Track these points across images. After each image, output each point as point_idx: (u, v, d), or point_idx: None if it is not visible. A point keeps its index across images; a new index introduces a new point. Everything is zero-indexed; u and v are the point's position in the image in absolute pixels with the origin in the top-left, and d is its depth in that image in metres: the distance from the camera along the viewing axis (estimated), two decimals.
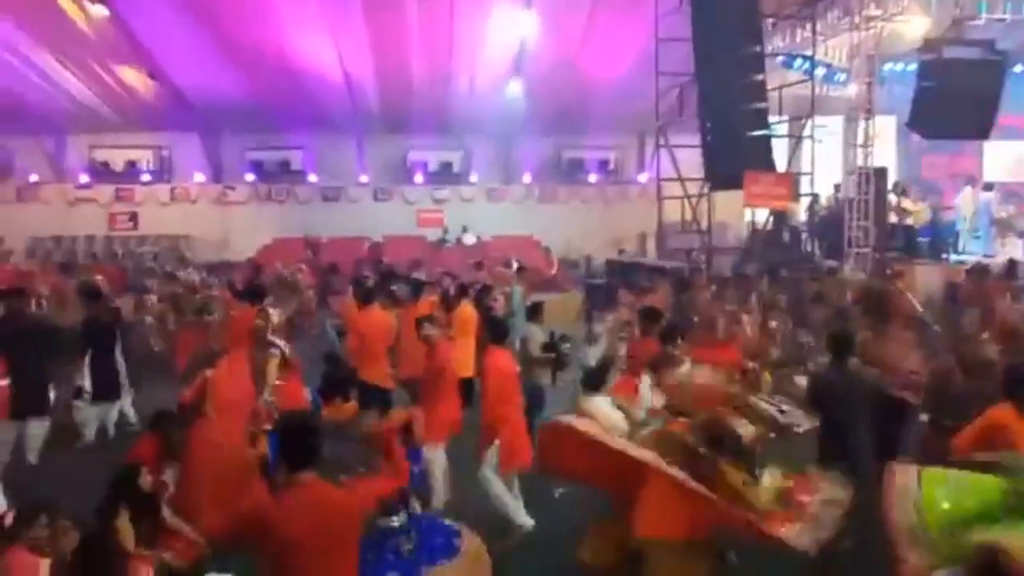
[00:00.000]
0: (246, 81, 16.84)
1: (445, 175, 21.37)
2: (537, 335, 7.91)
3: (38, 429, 7.10)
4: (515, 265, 14.39)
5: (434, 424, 5.69)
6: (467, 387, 7.36)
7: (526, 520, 5.64)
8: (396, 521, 4.33)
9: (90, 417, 7.80)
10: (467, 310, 8.18)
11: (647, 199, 18.19)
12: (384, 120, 19.56)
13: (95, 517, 4.88)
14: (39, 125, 18.58)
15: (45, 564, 4.55)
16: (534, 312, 8.19)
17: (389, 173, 21.31)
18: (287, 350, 6.67)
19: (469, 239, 20.39)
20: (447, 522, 4.68)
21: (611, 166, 22.22)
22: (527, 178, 21.62)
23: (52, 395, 7.40)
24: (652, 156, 18.76)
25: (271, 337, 6.53)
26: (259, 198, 20.72)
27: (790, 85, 14.45)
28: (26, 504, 4.93)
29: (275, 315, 6.97)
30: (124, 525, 4.80)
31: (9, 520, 4.73)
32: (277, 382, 6.30)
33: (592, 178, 21.83)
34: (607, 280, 14.41)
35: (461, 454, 6.10)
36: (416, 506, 4.61)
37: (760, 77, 12.98)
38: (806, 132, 14.20)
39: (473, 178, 21.35)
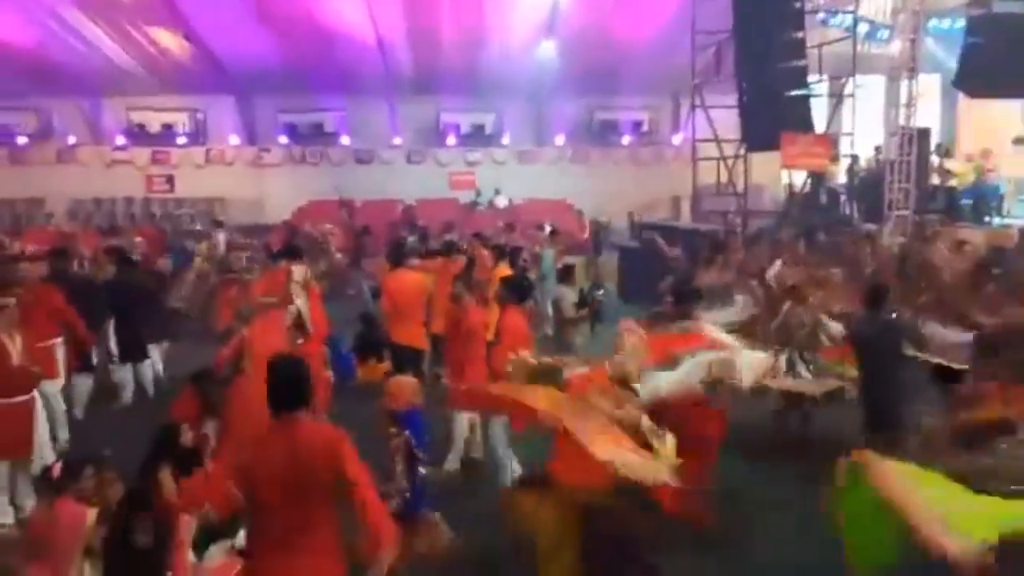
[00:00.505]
0: (279, 43, 16.85)
1: (477, 137, 21.26)
2: (569, 296, 7.93)
3: (83, 385, 7.38)
4: (548, 228, 14.35)
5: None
6: None
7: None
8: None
9: (125, 378, 8.03)
10: (504, 272, 8.20)
11: (682, 161, 17.95)
12: (416, 82, 19.47)
13: (138, 473, 5.03)
14: (77, 87, 18.79)
15: (92, 514, 4.72)
16: (566, 274, 8.19)
17: (421, 135, 21.24)
18: (305, 310, 6.71)
19: (501, 202, 20.34)
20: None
21: (645, 127, 21.90)
22: (559, 140, 21.43)
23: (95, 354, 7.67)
24: (687, 117, 18.47)
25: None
26: (293, 160, 20.82)
27: (830, 43, 14.05)
28: (73, 457, 5.11)
29: (297, 272, 7.04)
30: (167, 479, 4.94)
31: (57, 472, 4.91)
32: (299, 342, 6.39)
33: (625, 140, 21.55)
34: (641, 243, 14.31)
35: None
36: (420, 469, 4.60)
37: (799, 34, 12.67)
38: (847, 91, 13.84)
39: (505, 140, 21.21)
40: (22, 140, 19.80)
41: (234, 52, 17.27)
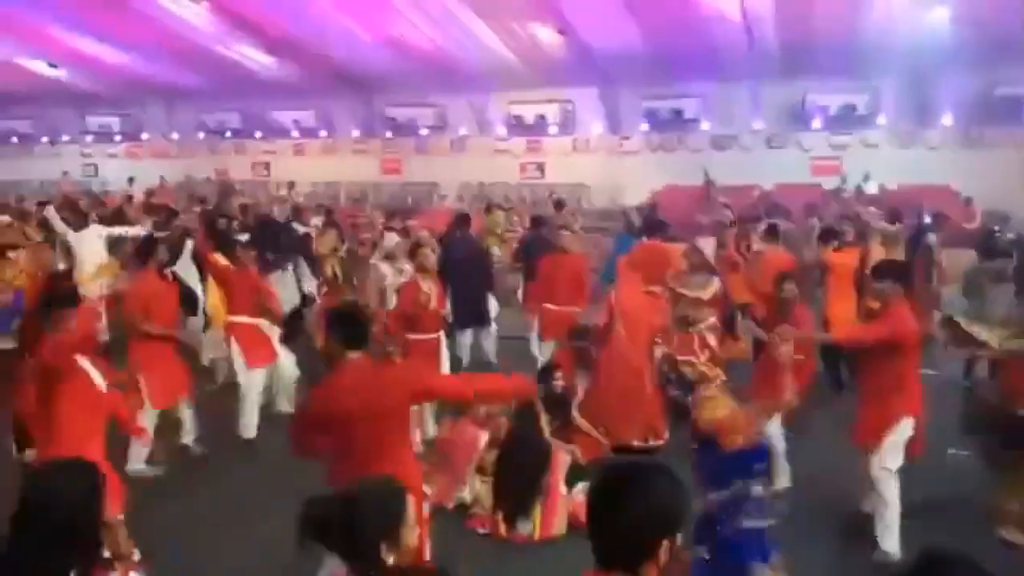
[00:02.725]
0: (646, 30, 17.34)
1: (847, 119, 19.74)
2: None
3: (487, 336, 8.74)
4: (926, 217, 12.90)
5: None
6: None
7: None
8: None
9: (463, 343, 8.75)
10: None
11: None
12: (782, 62, 18.66)
13: (517, 408, 5.67)
14: (469, 84, 21.33)
15: (484, 436, 5.45)
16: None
17: (783, 119, 20.35)
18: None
19: (871, 188, 18.69)
20: None
21: None
22: (947, 120, 19.02)
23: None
24: None
25: None
26: (651, 147, 21.37)
27: None
28: None
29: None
30: (544, 418, 5.50)
31: None
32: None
33: None
34: None
35: None
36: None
37: None
38: None
39: (880, 120, 19.41)
40: (423, 132, 23.11)
41: (602, 42, 18.17)
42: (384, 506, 2.04)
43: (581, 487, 5.18)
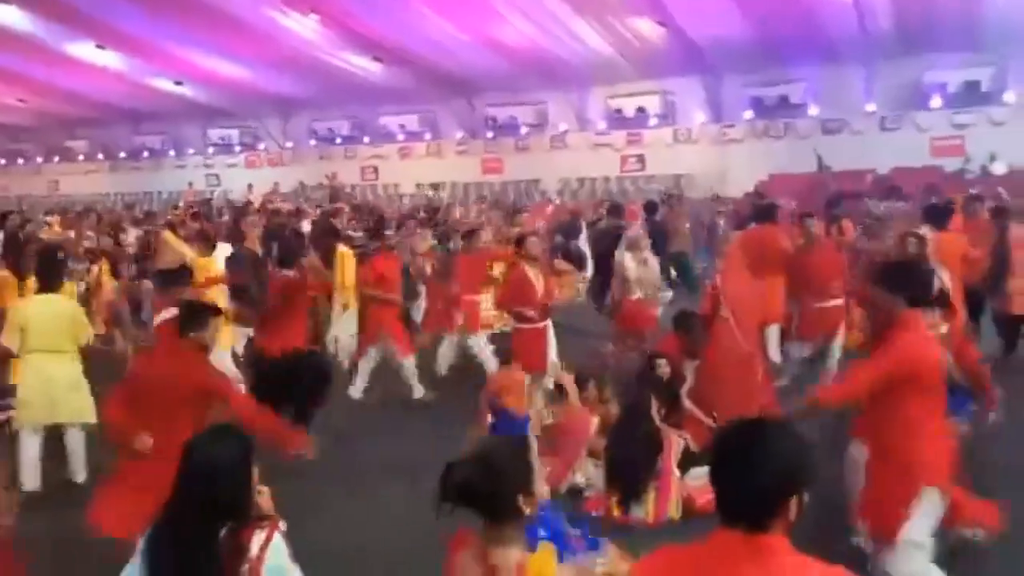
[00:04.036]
0: (750, 17, 16.93)
1: (969, 96, 18.62)
2: None
3: None
4: None
5: None
6: None
7: None
8: None
9: None
10: None
11: None
12: (897, 40, 17.81)
13: (628, 393, 5.74)
14: (568, 81, 21.42)
15: (595, 420, 5.54)
16: None
17: (899, 99, 19.40)
18: None
19: (999, 168, 17.58)
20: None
21: None
22: None
23: None
24: None
25: None
26: (755, 135, 20.82)
27: None
28: (578, 373, 6.04)
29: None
30: (652, 401, 5.54)
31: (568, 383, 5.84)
32: None
33: None
34: None
35: None
36: None
37: None
38: None
39: (1008, 97, 18.20)
40: (524, 130, 23.34)
41: (704, 31, 17.88)
42: (518, 459, 2.17)
43: (694, 472, 5.19)
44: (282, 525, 2.51)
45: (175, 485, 2.37)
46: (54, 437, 5.77)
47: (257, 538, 2.35)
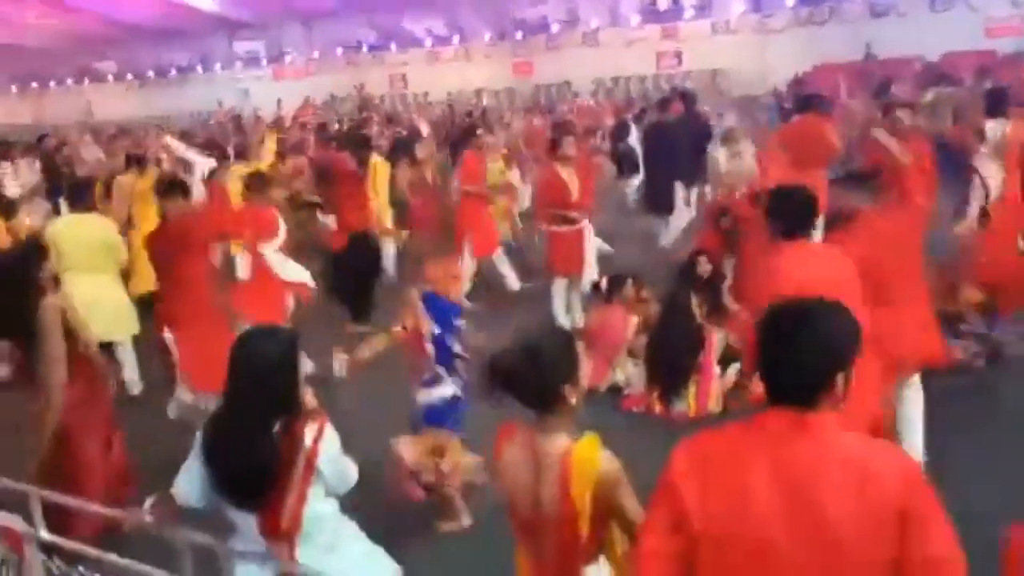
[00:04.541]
0: None
1: None
2: None
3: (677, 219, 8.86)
4: None
5: None
6: None
7: None
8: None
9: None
10: None
11: None
12: None
13: (669, 292, 5.72)
14: None
15: (634, 320, 5.55)
16: None
17: None
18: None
19: None
20: None
21: None
22: None
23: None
24: None
25: None
26: (798, 22, 19.87)
27: None
28: (614, 273, 6.02)
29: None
30: (693, 299, 5.51)
31: (604, 284, 5.83)
32: None
33: None
34: None
35: None
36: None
37: None
38: None
39: None
40: (554, 28, 22.59)
41: None
42: (564, 350, 2.18)
43: (734, 369, 5.21)
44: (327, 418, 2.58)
45: (227, 381, 2.44)
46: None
47: (310, 430, 2.42)
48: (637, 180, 10.32)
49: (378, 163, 8.16)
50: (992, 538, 2.09)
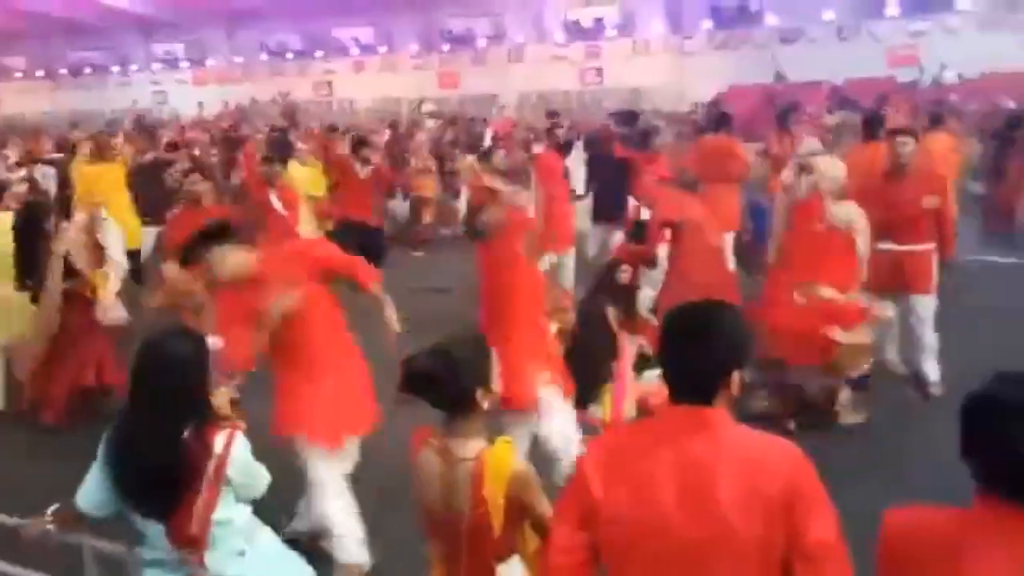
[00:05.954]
0: None
1: (924, 4, 18.63)
2: None
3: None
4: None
5: None
6: None
7: None
8: None
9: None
10: None
11: None
12: None
13: (585, 299, 5.84)
14: None
15: (553, 327, 5.62)
16: None
17: (855, 8, 19.34)
18: None
19: (949, 77, 17.71)
20: None
21: None
22: None
23: None
24: None
25: None
26: (714, 46, 20.64)
27: None
28: None
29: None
30: (610, 310, 5.65)
31: None
32: None
33: None
34: None
35: None
36: None
37: None
38: None
39: (962, 4, 18.23)
40: (481, 43, 22.80)
41: None
42: (478, 354, 2.24)
43: (648, 375, 5.35)
44: (242, 425, 2.55)
45: (132, 383, 2.37)
46: None
47: (221, 436, 2.38)
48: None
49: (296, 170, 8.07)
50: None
